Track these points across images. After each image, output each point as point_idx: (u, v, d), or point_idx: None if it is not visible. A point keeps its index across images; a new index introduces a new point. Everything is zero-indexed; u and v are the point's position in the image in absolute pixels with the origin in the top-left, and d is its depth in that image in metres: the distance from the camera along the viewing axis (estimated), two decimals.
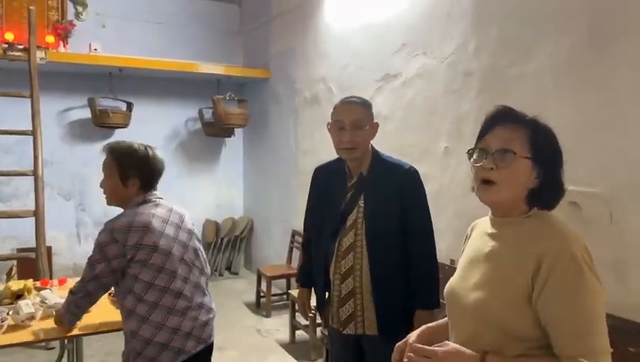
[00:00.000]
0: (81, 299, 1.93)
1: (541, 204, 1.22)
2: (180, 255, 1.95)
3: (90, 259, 1.89)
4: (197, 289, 1.99)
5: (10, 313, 2.21)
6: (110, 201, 2.03)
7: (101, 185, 2.03)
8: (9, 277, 2.63)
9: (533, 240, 1.16)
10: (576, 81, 2.39)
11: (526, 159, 1.18)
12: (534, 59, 2.59)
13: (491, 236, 1.26)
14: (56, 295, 2.42)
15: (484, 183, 1.22)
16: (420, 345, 1.19)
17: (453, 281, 1.34)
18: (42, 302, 2.34)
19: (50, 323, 2.22)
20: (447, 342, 1.18)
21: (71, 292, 1.96)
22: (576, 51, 2.39)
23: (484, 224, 1.34)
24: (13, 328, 2.15)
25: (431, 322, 2.04)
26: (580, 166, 2.28)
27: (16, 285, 2.44)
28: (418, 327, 2.05)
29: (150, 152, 2.00)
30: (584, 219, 2.30)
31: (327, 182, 2.30)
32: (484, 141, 1.24)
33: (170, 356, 1.85)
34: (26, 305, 2.23)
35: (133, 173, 1.94)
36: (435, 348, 1.15)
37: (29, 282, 2.50)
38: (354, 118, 2.10)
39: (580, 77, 2.38)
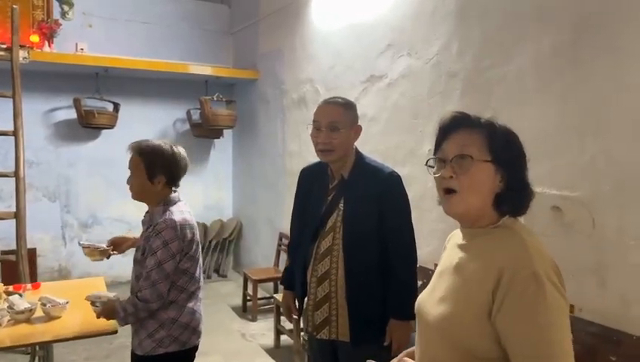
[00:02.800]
0: (154, 304, 1.97)
1: (510, 209, 1.16)
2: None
3: (157, 260, 1.95)
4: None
5: None
6: (136, 197, 2.10)
7: (128, 182, 2.10)
8: None
9: (497, 252, 1.10)
10: (558, 82, 2.34)
11: (486, 163, 1.13)
12: (515, 60, 2.55)
13: (461, 247, 1.21)
14: (25, 300, 2.36)
15: (446, 194, 1.16)
16: None
17: (421, 295, 1.29)
18: (10, 307, 2.29)
19: (17, 329, 2.17)
20: (405, 359, 1.12)
21: (140, 299, 1.96)
22: (557, 52, 2.34)
23: (458, 235, 1.29)
24: None
25: (405, 333, 2.03)
26: (562, 169, 2.24)
27: None
28: (390, 337, 2.04)
29: (175, 150, 2.08)
30: (566, 223, 2.25)
31: (311, 184, 2.27)
32: (441, 150, 1.20)
33: (196, 338, 2.11)
34: None
35: (159, 170, 2.03)
36: None
37: None
38: (330, 120, 2.06)
39: (560, 78, 2.33)
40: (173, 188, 2.13)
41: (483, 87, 2.74)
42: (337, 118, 2.06)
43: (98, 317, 2.14)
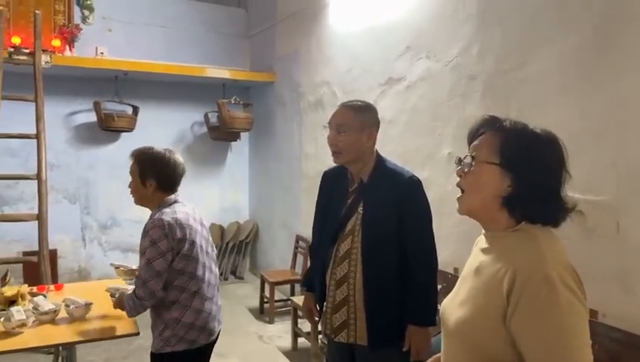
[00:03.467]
0: (147, 301, 2.05)
1: (522, 214, 1.13)
2: (205, 248, 2.20)
3: (146, 259, 2.01)
4: (213, 276, 2.24)
5: (2, 319, 2.19)
6: (135, 201, 2.22)
7: (129, 187, 2.21)
8: (3, 282, 2.61)
9: (513, 255, 1.09)
10: (581, 84, 2.31)
11: (489, 164, 1.13)
12: (537, 62, 2.52)
13: (483, 251, 1.20)
14: (50, 301, 2.40)
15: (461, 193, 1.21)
16: None
17: (445, 300, 1.29)
18: (35, 308, 2.32)
19: (41, 330, 2.21)
20: None
21: (137, 296, 2.04)
22: (581, 53, 2.31)
23: (483, 239, 1.27)
24: (3, 335, 2.13)
25: (423, 338, 2.02)
26: (584, 173, 2.21)
27: (9, 291, 2.42)
28: (409, 343, 2.02)
29: (169, 156, 2.16)
30: (589, 228, 2.22)
31: (332, 187, 2.26)
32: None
33: (206, 337, 2.14)
34: (17, 312, 2.21)
35: (150, 174, 2.12)
36: None
37: (24, 288, 2.48)
38: (337, 122, 2.07)
39: (584, 80, 2.30)
40: (176, 193, 2.22)
41: (504, 89, 2.72)
42: (344, 121, 2.05)
43: (114, 307, 2.25)
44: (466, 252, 1.34)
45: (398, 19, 3.59)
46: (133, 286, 2.35)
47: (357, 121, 2.05)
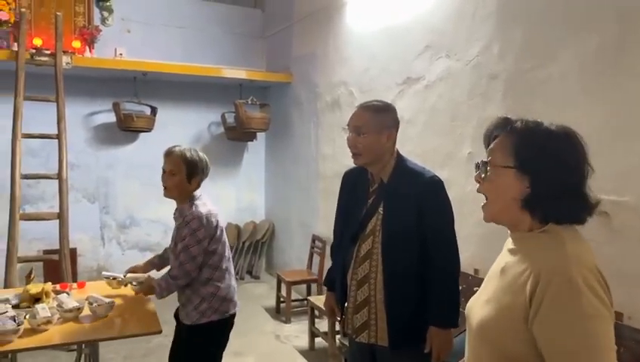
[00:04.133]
0: (181, 280, 2.34)
1: (543, 215, 1.11)
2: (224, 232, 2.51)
3: (184, 244, 2.30)
4: (230, 255, 2.54)
5: (27, 316, 2.22)
6: (170, 194, 2.44)
7: (162, 179, 2.44)
8: (28, 280, 2.65)
9: (538, 257, 1.07)
10: (602, 82, 2.28)
11: (505, 168, 1.12)
12: (560, 61, 2.49)
13: (510, 251, 1.19)
14: (73, 299, 2.43)
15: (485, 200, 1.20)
16: None
17: (471, 299, 1.28)
18: (59, 306, 2.35)
19: (65, 327, 2.24)
20: None
21: (171, 276, 2.34)
22: (604, 52, 2.28)
23: (510, 239, 1.27)
24: (29, 332, 2.16)
25: (444, 339, 1.99)
26: (610, 173, 2.18)
27: (34, 288, 2.45)
28: (430, 345, 2.00)
29: (205, 157, 2.50)
30: (614, 229, 2.19)
31: (353, 187, 2.26)
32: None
33: (233, 307, 2.48)
34: (42, 309, 2.23)
35: (197, 173, 2.42)
36: None
37: (48, 285, 2.51)
38: (355, 124, 2.06)
39: (605, 78, 2.27)
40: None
41: (525, 88, 2.69)
42: (362, 123, 2.04)
43: (137, 294, 2.55)
44: (486, 253, 1.33)
45: (416, 19, 3.57)
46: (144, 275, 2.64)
47: (376, 122, 2.04)
